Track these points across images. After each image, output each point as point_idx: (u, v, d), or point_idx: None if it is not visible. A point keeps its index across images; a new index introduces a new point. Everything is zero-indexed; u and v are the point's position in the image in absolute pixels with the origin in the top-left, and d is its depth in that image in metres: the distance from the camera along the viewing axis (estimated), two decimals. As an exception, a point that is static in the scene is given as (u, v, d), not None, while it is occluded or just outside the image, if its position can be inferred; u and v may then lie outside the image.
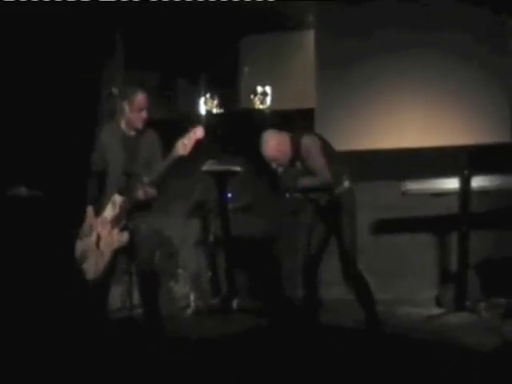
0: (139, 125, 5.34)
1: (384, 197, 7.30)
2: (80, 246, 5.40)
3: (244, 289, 7.49)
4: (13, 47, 6.54)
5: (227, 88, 8.35)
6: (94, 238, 5.32)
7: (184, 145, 5.04)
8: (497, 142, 7.02)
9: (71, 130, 7.06)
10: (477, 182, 6.75)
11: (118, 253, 5.31)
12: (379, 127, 7.38)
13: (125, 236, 5.22)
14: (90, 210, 5.40)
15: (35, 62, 6.69)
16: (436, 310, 6.82)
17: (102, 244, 5.29)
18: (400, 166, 7.24)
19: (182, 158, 5.10)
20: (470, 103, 7.17)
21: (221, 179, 7.51)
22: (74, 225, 6.40)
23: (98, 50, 7.41)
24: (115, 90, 7.06)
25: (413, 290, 7.30)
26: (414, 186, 6.96)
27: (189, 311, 7.06)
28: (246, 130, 7.71)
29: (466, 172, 6.74)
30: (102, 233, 5.30)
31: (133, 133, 5.39)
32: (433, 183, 6.93)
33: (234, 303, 7.24)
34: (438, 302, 7.02)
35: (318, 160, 5.60)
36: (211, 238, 7.71)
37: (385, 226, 7.52)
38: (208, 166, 7.18)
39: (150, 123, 5.50)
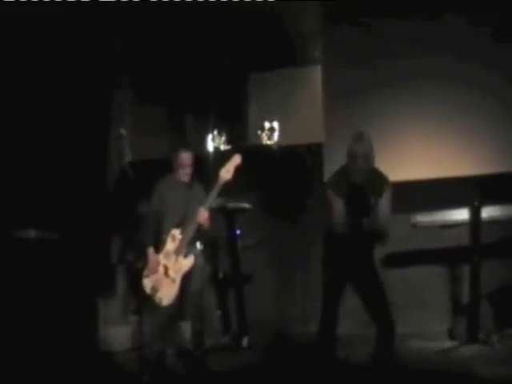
0: (185, 179, 6.28)
1: (393, 229, 7.21)
2: (148, 282, 6.18)
3: (254, 326, 7.49)
4: (19, 85, 6.73)
5: (235, 124, 8.60)
6: (161, 269, 6.14)
7: (227, 170, 6.07)
8: (506, 171, 7.14)
9: (81, 169, 7.35)
10: (487, 212, 6.86)
11: (185, 278, 6.14)
12: (388, 160, 6.76)
13: (191, 259, 6.16)
14: (151, 250, 6.20)
15: (43, 100, 6.93)
16: (449, 343, 6.92)
17: (171, 272, 6.13)
18: (409, 198, 7.18)
19: (226, 183, 6.06)
20: (477, 132, 7.33)
21: (230, 216, 7.63)
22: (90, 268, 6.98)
23: (106, 87, 7.69)
24: (123, 131, 7.41)
25: (425, 323, 7.36)
26: (424, 218, 7.09)
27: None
28: (254, 166, 7.86)
29: (475, 202, 6.88)
30: (168, 264, 6.15)
31: (186, 181, 6.31)
32: (442, 215, 7.06)
33: (244, 341, 7.31)
34: (451, 335, 7.10)
35: (390, 205, 5.48)
36: (220, 275, 7.90)
37: (395, 259, 7.56)
38: (217, 203, 7.08)
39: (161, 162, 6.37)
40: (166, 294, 6.07)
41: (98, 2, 6.76)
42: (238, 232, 7.67)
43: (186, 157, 6.21)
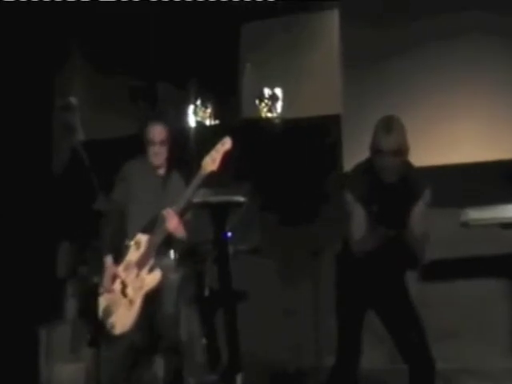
0: (155, 161, 5.93)
1: (438, 229, 6.65)
2: (102, 302, 5.80)
3: (250, 359, 7.25)
4: None
5: (224, 92, 8.39)
6: (118, 286, 5.82)
7: (213, 159, 5.66)
8: None
9: (16, 151, 7.14)
10: None
11: (150, 299, 5.81)
12: (427, 138, 7.23)
13: (156, 275, 5.75)
14: (108, 259, 5.86)
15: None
16: None
17: (130, 290, 5.78)
18: (458, 187, 7.12)
19: (211, 175, 5.74)
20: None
21: (219, 213, 7.40)
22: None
23: (49, 50, 7.56)
24: (74, 100, 6.99)
25: (481, 356, 7.15)
26: (478, 214, 6.69)
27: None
28: (249, 147, 7.68)
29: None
30: (127, 279, 5.82)
31: (161, 171, 6.01)
32: (503, 210, 6.65)
33: (238, 380, 7.05)
34: None
35: (426, 216, 5.14)
36: (206, 291, 7.56)
37: (440, 269, 7.34)
38: (202, 196, 6.81)
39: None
40: (120, 319, 5.75)
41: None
42: (229, 234, 7.44)
43: (156, 131, 5.88)
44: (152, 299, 5.78)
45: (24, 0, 7.11)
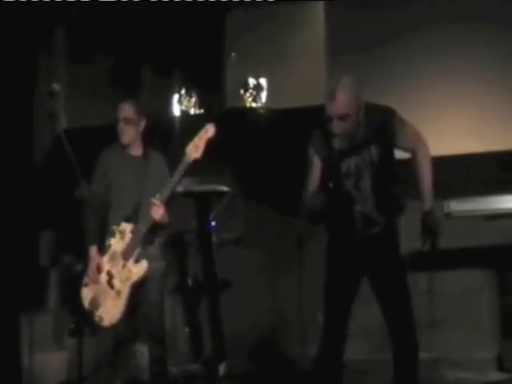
0: (121, 139, 5.88)
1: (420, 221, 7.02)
2: (87, 293, 5.80)
3: (234, 348, 7.31)
4: None
5: (208, 82, 8.34)
6: (104, 277, 5.73)
7: (196, 147, 5.58)
8: None
9: None
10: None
11: (136, 289, 5.75)
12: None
13: (143, 266, 5.68)
14: (93, 249, 5.79)
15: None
16: (496, 375, 6.63)
17: (117, 281, 5.71)
18: (442, 178, 6.67)
19: (195, 163, 5.65)
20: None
21: (203, 203, 7.46)
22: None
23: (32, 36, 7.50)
24: (57, 86, 6.89)
25: (463, 347, 7.14)
26: (462, 205, 6.80)
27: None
28: (234, 136, 7.65)
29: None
30: (113, 270, 5.74)
31: (134, 151, 5.95)
32: (487, 202, 6.74)
33: (221, 368, 7.10)
34: (500, 364, 6.82)
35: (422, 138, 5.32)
36: (189, 281, 7.61)
37: (424, 260, 6.98)
38: (186, 185, 6.95)
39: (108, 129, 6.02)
40: (109, 311, 5.67)
41: None
42: (213, 224, 7.49)
43: (121, 108, 5.88)
44: (137, 289, 5.74)
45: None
